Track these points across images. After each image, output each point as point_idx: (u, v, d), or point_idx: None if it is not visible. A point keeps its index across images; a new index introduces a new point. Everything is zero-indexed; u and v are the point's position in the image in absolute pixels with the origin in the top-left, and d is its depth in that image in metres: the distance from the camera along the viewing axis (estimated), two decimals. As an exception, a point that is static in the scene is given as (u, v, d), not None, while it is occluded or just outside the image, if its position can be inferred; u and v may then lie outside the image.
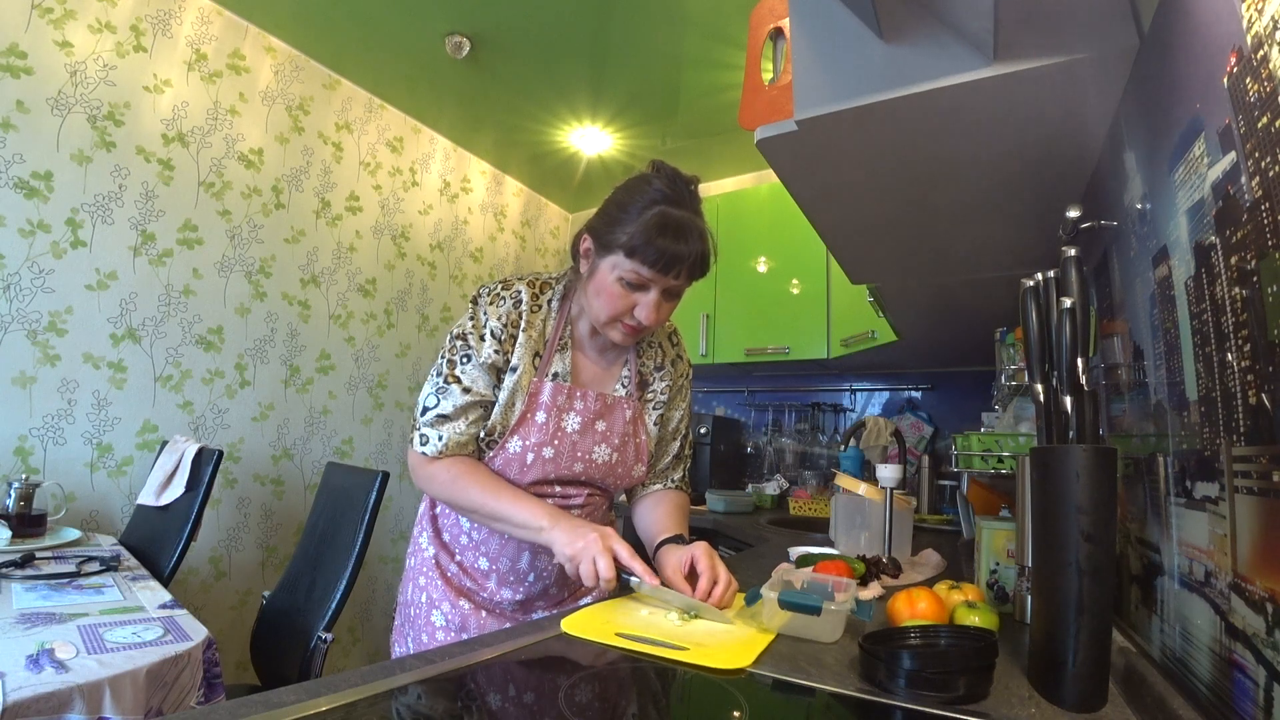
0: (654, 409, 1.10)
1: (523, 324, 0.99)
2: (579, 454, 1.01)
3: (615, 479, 1.06)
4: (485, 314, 0.99)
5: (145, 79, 1.99)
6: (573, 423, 1.01)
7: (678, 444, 1.16)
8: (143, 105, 1.98)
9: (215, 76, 2.16)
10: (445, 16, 2.13)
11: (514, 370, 0.99)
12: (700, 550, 0.93)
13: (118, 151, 1.92)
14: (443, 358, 0.99)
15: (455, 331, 1.00)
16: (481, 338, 0.98)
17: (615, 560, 0.84)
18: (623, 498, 1.19)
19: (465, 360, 0.98)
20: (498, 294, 1.00)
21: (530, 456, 0.98)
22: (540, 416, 0.99)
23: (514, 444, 0.98)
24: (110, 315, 1.91)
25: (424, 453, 0.97)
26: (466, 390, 0.97)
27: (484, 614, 1.03)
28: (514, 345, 0.99)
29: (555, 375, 1.01)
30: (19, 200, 1.73)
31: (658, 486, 1.15)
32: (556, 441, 0.99)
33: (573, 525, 0.89)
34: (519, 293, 1.00)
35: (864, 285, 1.60)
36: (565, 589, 1.08)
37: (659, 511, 1.09)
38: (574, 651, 0.71)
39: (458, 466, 0.96)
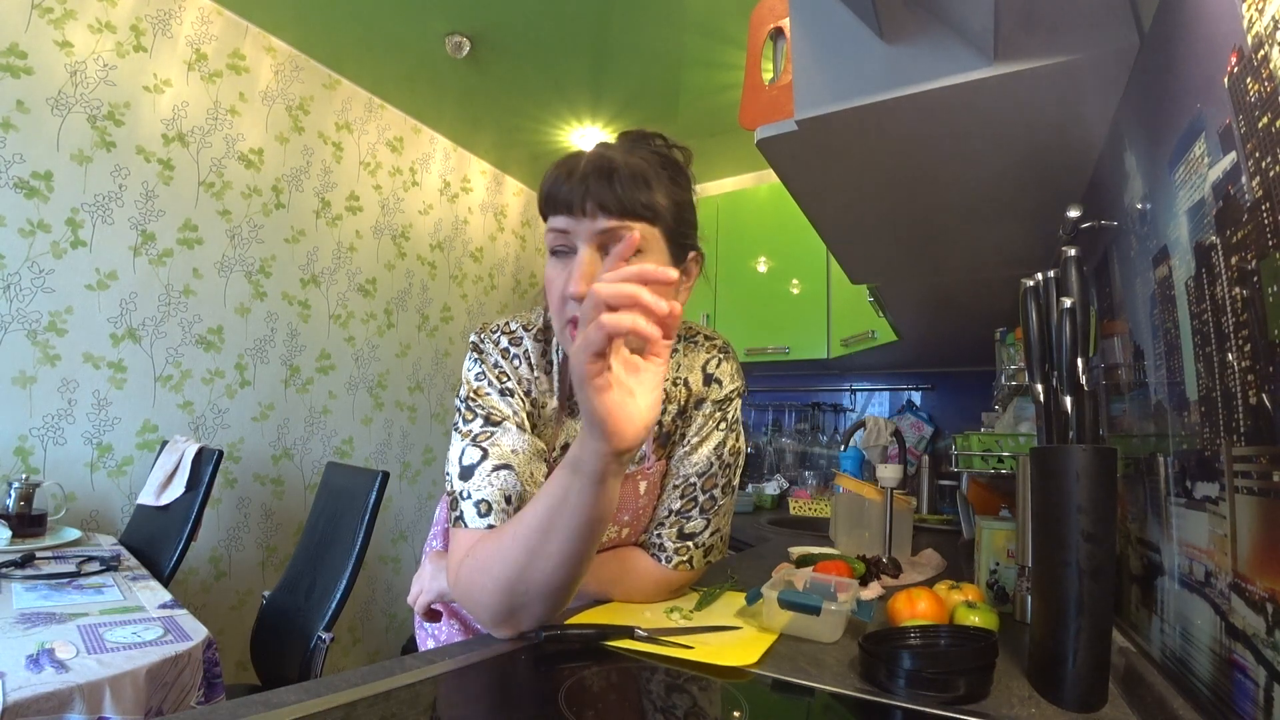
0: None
1: (533, 391, 0.82)
2: None
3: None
4: (497, 362, 0.81)
5: (145, 79, 1.99)
6: None
7: (678, 499, 0.86)
8: (143, 105, 1.98)
9: (215, 76, 2.16)
10: (445, 16, 2.13)
11: None
12: None
13: (118, 151, 1.92)
14: (456, 429, 0.79)
15: (463, 394, 0.81)
16: (509, 392, 0.80)
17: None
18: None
19: (494, 424, 0.77)
20: (505, 348, 0.82)
21: None
22: None
23: None
24: (110, 315, 1.91)
25: (486, 523, 0.70)
26: (521, 427, 0.77)
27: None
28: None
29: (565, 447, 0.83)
30: (19, 200, 1.73)
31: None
32: None
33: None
34: (527, 351, 0.83)
35: (864, 285, 1.60)
36: None
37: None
38: (576, 650, 0.70)
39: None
